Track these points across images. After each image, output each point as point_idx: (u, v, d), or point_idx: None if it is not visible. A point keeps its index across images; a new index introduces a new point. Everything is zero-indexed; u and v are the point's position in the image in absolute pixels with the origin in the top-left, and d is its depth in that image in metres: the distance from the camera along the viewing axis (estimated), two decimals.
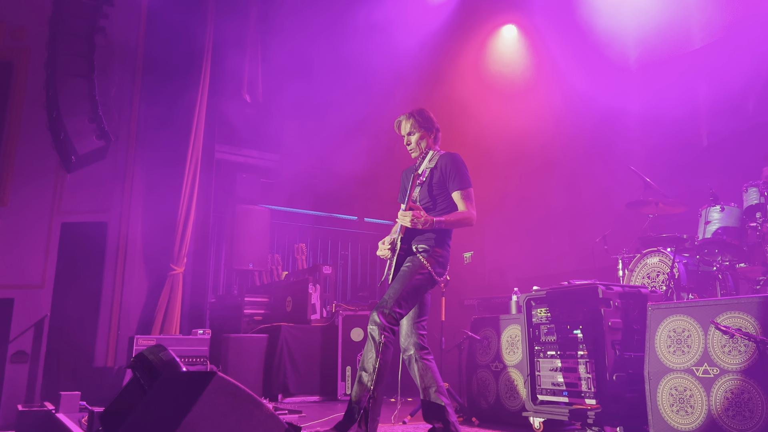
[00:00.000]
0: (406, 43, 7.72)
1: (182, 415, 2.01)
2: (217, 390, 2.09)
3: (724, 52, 6.15)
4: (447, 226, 3.25)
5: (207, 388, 2.07)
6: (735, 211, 4.44)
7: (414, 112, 3.50)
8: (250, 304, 7.09)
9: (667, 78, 6.76)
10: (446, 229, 3.32)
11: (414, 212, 3.17)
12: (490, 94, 8.26)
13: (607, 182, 6.61)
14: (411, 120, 3.47)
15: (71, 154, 6.14)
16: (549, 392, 3.93)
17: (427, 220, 3.18)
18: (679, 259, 4.46)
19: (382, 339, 3.06)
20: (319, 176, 9.33)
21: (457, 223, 3.26)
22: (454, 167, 3.33)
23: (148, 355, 2.60)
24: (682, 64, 6.67)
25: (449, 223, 3.24)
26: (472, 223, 3.29)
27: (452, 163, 3.34)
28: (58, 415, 4.55)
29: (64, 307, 6.14)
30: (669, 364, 3.28)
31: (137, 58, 6.84)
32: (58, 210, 6.39)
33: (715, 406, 3.04)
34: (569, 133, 7.25)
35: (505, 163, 7.93)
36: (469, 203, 3.29)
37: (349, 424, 2.99)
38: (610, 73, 7.07)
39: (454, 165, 3.33)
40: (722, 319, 3.08)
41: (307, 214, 9.55)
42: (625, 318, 3.66)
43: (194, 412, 2.02)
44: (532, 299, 4.15)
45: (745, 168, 4.97)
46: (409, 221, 3.16)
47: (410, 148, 3.50)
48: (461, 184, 3.31)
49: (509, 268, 7.78)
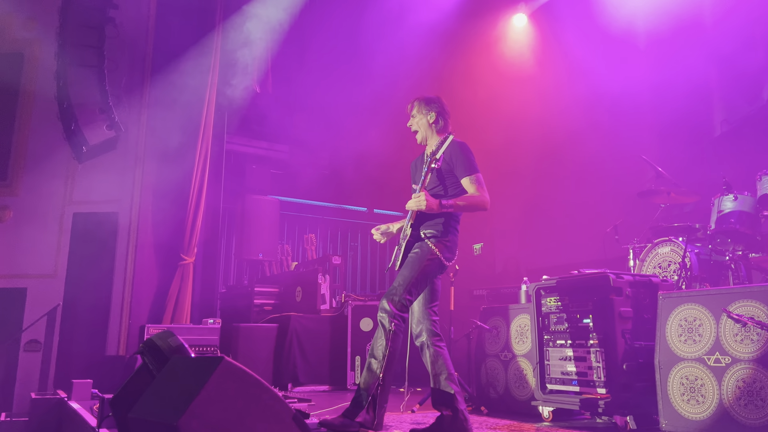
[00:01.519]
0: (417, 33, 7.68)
1: (190, 399, 2.02)
2: (225, 374, 2.10)
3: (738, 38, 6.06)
4: (457, 209, 3.22)
5: (215, 373, 2.08)
6: (748, 200, 4.38)
7: (420, 97, 3.53)
8: (260, 294, 7.12)
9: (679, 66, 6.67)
10: (455, 213, 3.31)
11: (428, 197, 3.15)
12: (500, 85, 8.20)
13: (617, 172, 6.56)
14: (414, 103, 3.53)
15: (82, 145, 6.17)
16: (558, 381, 3.92)
17: (435, 204, 3.15)
18: (691, 249, 4.41)
19: (392, 327, 3.05)
20: (329, 167, 9.34)
21: (468, 206, 3.23)
22: (460, 154, 3.32)
23: (156, 340, 2.61)
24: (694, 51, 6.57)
25: (459, 206, 3.21)
26: (485, 207, 3.26)
27: (458, 151, 3.32)
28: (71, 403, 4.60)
29: (76, 297, 6.19)
30: (680, 353, 3.25)
31: (147, 48, 6.85)
32: (70, 200, 6.43)
33: (727, 396, 3.01)
34: (580, 122, 7.18)
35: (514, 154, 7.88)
36: (480, 187, 3.27)
37: (357, 410, 2.99)
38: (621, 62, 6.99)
39: (460, 152, 3.32)
40: (735, 308, 3.05)
41: (317, 205, 9.57)
42: (635, 307, 3.63)
43: (202, 395, 2.03)
44: (542, 288, 4.13)
45: (759, 157, 4.91)
46: (418, 203, 3.14)
47: (413, 129, 3.55)
48: (468, 170, 3.30)
49: (519, 258, 7.76)
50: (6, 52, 6.61)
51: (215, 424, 2.02)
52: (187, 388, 2.09)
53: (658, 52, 6.96)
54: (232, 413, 2.07)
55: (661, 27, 6.79)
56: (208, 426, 2.00)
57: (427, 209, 3.14)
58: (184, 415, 1.96)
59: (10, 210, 6.30)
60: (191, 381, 2.13)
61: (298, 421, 2.22)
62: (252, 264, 7.94)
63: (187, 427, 1.95)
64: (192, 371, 2.23)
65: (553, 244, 7.37)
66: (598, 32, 6.99)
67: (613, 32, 6.93)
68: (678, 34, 6.64)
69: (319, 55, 8.01)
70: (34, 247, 6.29)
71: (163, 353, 2.53)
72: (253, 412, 2.12)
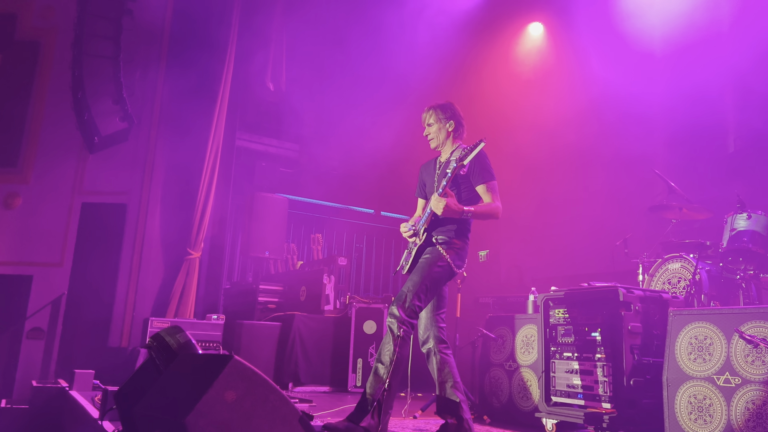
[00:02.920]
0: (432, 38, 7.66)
1: (198, 397, 2.00)
2: (233, 373, 2.09)
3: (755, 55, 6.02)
4: (475, 217, 3.22)
5: (223, 371, 2.06)
6: (762, 219, 4.35)
7: (436, 105, 3.52)
8: (265, 291, 7.11)
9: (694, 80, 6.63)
10: (467, 220, 3.30)
11: (448, 199, 3.14)
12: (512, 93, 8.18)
13: (629, 185, 6.52)
14: (431, 111, 3.51)
15: (94, 135, 6.18)
16: (563, 394, 3.88)
17: (458, 209, 3.15)
18: (701, 266, 4.38)
19: (401, 332, 3.03)
20: (338, 168, 9.33)
21: (484, 214, 3.23)
22: (477, 162, 3.30)
23: (164, 336, 2.60)
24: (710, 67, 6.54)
25: (477, 213, 3.21)
26: (498, 216, 3.26)
27: (476, 157, 3.30)
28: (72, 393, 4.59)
29: (82, 287, 6.19)
30: (689, 372, 3.21)
31: (163, 42, 6.85)
32: (80, 190, 6.44)
33: (735, 417, 2.98)
34: (592, 134, 7.16)
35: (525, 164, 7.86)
36: (495, 195, 3.27)
37: (362, 415, 2.97)
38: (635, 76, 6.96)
39: (477, 159, 3.30)
40: (747, 328, 3.02)
41: (325, 205, 9.56)
42: (645, 322, 3.60)
43: (210, 394, 2.01)
44: (551, 299, 4.10)
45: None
46: (442, 207, 3.11)
47: (430, 138, 3.52)
48: (485, 178, 3.29)
49: (526, 267, 7.72)
50: (23, 40, 6.63)
51: (222, 423, 2.00)
52: (195, 385, 2.08)
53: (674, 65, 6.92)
54: (240, 413, 2.05)
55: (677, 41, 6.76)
56: (215, 425, 1.98)
57: (448, 213, 3.12)
58: (192, 412, 1.95)
59: (19, 197, 6.31)
60: (199, 378, 2.11)
61: (304, 423, 2.20)
62: (257, 261, 7.93)
63: (195, 425, 1.93)
64: (200, 369, 2.22)
65: (560, 254, 7.34)
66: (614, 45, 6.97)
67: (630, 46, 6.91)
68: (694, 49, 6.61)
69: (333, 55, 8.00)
70: (42, 235, 6.30)
71: (171, 349, 2.52)
72: (260, 413, 2.10)
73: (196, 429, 1.94)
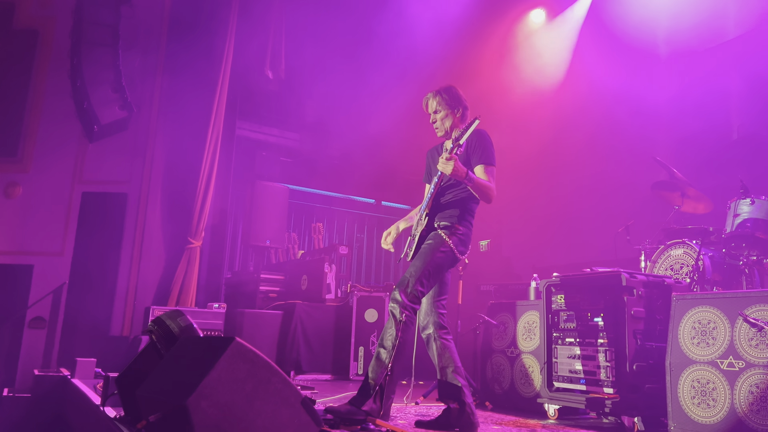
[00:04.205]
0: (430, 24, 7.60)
1: (199, 379, 1.99)
2: (236, 355, 2.08)
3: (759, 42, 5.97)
4: (476, 189, 3.14)
5: (225, 353, 2.05)
6: (766, 205, 4.31)
7: (441, 90, 3.42)
8: (266, 280, 7.10)
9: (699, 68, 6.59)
10: (468, 206, 3.27)
11: (456, 161, 3.05)
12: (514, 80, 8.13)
13: (631, 172, 6.49)
14: (438, 98, 3.39)
15: (94, 124, 6.16)
16: (566, 379, 3.88)
17: (464, 171, 3.07)
18: (704, 252, 4.36)
19: (403, 317, 3.02)
20: (339, 158, 9.30)
21: (482, 186, 3.16)
22: (480, 142, 3.27)
23: (165, 319, 2.59)
24: (714, 54, 6.49)
25: (477, 183, 3.13)
26: (491, 198, 3.20)
27: (479, 139, 3.27)
28: (74, 381, 4.60)
29: (83, 276, 6.19)
30: (692, 356, 3.20)
31: (162, 30, 6.82)
32: (80, 179, 6.42)
33: (739, 401, 2.97)
34: (594, 121, 7.12)
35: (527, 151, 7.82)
36: (492, 179, 3.22)
37: (364, 399, 2.96)
38: (639, 62, 6.92)
39: (480, 140, 3.27)
40: (751, 312, 3.00)
41: (326, 194, 9.54)
42: (648, 307, 3.58)
43: (212, 376, 2.00)
44: (553, 285, 4.08)
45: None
46: (451, 168, 3.02)
47: (436, 126, 3.43)
48: (485, 159, 3.25)
49: (528, 255, 7.71)
50: (21, 28, 6.59)
51: (224, 404, 1.99)
52: (197, 367, 2.07)
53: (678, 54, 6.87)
54: (242, 395, 2.04)
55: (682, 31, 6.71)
56: (217, 406, 1.97)
57: (456, 174, 3.05)
58: (194, 394, 1.94)
59: (19, 186, 6.29)
60: (201, 360, 2.10)
61: (306, 405, 2.19)
62: (258, 250, 7.91)
63: (196, 406, 1.92)
64: (202, 351, 2.21)
65: (562, 242, 7.32)
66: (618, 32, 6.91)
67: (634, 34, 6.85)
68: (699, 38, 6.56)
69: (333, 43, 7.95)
70: (42, 225, 6.29)
71: (171, 332, 2.51)
72: (262, 395, 2.09)
73: (198, 411, 1.93)
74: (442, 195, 3.31)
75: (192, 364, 2.14)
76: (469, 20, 7.98)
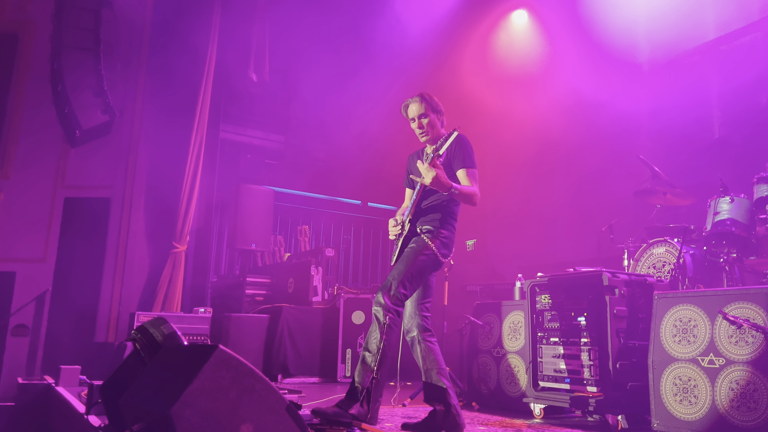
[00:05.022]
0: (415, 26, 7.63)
1: (183, 388, 1.99)
2: (219, 363, 2.07)
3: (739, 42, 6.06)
4: (459, 196, 3.17)
5: (209, 361, 2.05)
6: (745, 203, 4.38)
7: (425, 95, 3.41)
8: (252, 284, 7.08)
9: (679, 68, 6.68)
10: (450, 210, 3.29)
11: (438, 170, 3.06)
12: (496, 80, 8.18)
13: (614, 171, 6.56)
14: (423, 103, 3.37)
15: (76, 129, 6.09)
16: (551, 379, 3.91)
17: (447, 182, 3.09)
18: (686, 250, 4.42)
19: (387, 320, 3.03)
20: (324, 159, 9.30)
21: (466, 195, 3.18)
22: (460, 147, 3.30)
23: (149, 327, 2.58)
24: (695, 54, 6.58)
25: (462, 192, 3.15)
26: (476, 201, 3.22)
27: (458, 144, 3.31)
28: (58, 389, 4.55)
29: (66, 282, 6.12)
30: (674, 354, 3.25)
31: (144, 33, 6.76)
32: (62, 184, 6.35)
33: (720, 397, 3.01)
34: (577, 120, 7.18)
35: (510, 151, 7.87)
36: (474, 182, 3.25)
37: (352, 402, 2.97)
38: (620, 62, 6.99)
39: (460, 145, 3.30)
40: (730, 310, 3.05)
41: (311, 196, 9.54)
42: (630, 306, 3.63)
43: (195, 384, 2.00)
44: (537, 285, 4.12)
45: (756, 160, 4.91)
46: (432, 177, 3.03)
47: (421, 131, 3.40)
48: (466, 163, 3.28)
49: (513, 255, 7.75)
50: (0, 32, 6.51)
51: (208, 413, 1.99)
52: (180, 376, 2.06)
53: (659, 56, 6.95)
54: (226, 403, 2.04)
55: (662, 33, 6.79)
56: (201, 415, 1.97)
57: (437, 184, 3.05)
58: (177, 403, 1.93)
59: (1, 193, 6.21)
60: (184, 369, 2.09)
61: (291, 412, 2.19)
62: (244, 254, 7.89)
63: (180, 415, 1.92)
64: (185, 359, 2.20)
65: (547, 241, 7.38)
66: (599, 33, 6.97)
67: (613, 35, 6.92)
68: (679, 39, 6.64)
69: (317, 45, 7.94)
70: (25, 231, 6.21)
71: (155, 340, 2.50)
72: (247, 402, 2.09)
73: (182, 419, 1.93)
74: (424, 199, 3.34)
75: (175, 373, 2.14)
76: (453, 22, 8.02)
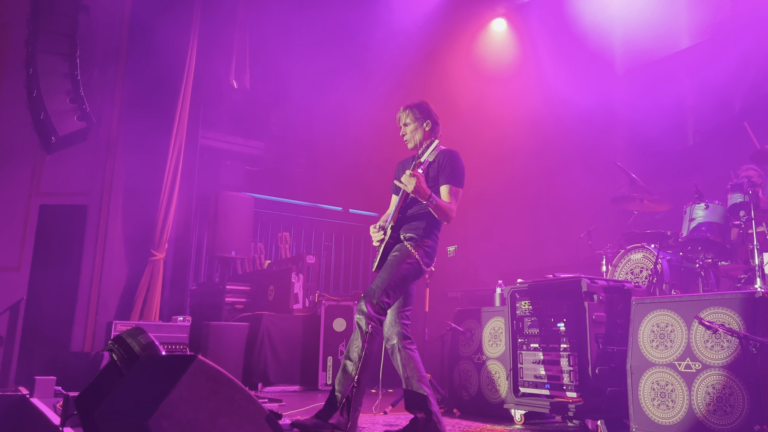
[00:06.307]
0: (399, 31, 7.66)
1: (161, 399, 1.96)
2: (197, 373, 2.05)
3: (712, 51, 6.19)
4: (436, 210, 3.19)
5: (187, 372, 2.02)
6: (719, 209, 4.47)
7: (412, 104, 3.50)
8: (232, 292, 7.02)
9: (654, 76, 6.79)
10: (434, 218, 3.30)
11: (419, 179, 3.11)
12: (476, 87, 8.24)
13: (592, 178, 6.64)
14: (407, 111, 3.48)
15: (51, 135, 5.99)
16: (531, 385, 3.93)
17: (427, 191, 3.14)
18: (662, 256, 4.48)
19: (369, 329, 3.03)
20: (305, 166, 9.27)
21: (442, 209, 3.21)
22: (451, 163, 3.32)
23: (126, 337, 2.54)
24: (669, 62, 6.70)
25: (438, 204, 3.19)
26: (450, 219, 3.26)
27: (450, 160, 3.32)
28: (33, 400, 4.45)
29: (41, 291, 6.02)
30: (651, 359, 3.28)
31: (122, 39, 6.70)
32: (37, 192, 6.25)
33: (697, 401, 3.05)
34: (554, 128, 7.26)
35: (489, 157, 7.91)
36: (454, 200, 3.27)
37: (331, 411, 2.95)
38: (596, 70, 7.09)
39: (451, 161, 3.32)
40: (706, 315, 3.09)
41: (292, 203, 9.49)
42: (609, 312, 3.66)
43: (173, 395, 1.97)
44: (517, 291, 4.14)
45: (730, 167, 5.01)
46: (413, 186, 3.09)
47: (406, 138, 3.49)
48: (452, 180, 3.30)
49: (493, 261, 7.80)
50: None
51: (186, 424, 1.96)
52: (157, 387, 2.03)
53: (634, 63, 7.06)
54: (204, 413, 2.01)
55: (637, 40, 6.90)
56: (179, 426, 1.94)
57: (418, 192, 3.11)
58: (155, 414, 1.90)
59: None
60: (162, 380, 2.06)
61: (271, 421, 2.17)
62: (224, 261, 7.81)
63: (158, 427, 1.89)
64: (163, 370, 2.17)
65: (527, 247, 7.43)
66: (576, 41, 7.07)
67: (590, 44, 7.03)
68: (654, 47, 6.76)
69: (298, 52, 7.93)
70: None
71: (132, 351, 2.46)
72: (226, 413, 2.06)
73: (160, 431, 1.90)
74: (409, 207, 3.34)
75: (153, 384, 2.10)
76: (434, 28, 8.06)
